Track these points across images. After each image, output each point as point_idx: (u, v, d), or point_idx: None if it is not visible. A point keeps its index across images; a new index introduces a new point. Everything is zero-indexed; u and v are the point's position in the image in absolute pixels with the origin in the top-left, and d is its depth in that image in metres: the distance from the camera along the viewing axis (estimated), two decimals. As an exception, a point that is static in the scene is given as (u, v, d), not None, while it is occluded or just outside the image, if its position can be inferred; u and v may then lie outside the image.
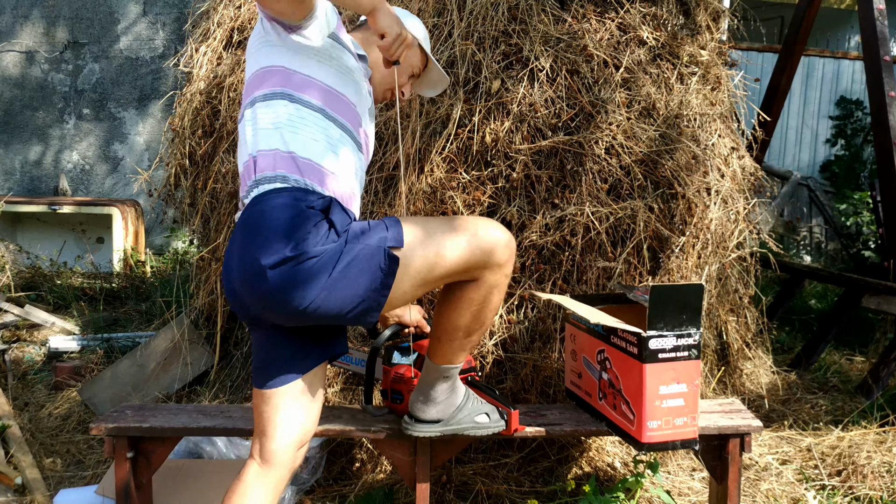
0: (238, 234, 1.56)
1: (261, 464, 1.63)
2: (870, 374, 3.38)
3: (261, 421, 1.64)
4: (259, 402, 1.64)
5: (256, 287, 1.50)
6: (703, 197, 2.66)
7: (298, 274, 1.47)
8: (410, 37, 1.62)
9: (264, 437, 1.63)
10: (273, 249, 1.47)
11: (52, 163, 6.26)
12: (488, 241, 1.61)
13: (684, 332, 1.79)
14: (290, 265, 1.46)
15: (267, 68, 1.61)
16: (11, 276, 4.64)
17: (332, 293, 1.50)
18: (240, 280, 1.53)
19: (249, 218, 1.54)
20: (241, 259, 1.51)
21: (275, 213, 1.50)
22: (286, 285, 1.47)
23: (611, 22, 2.69)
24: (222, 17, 3.09)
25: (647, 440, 1.79)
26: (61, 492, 2.31)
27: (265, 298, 1.51)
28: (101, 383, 3.12)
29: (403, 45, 1.58)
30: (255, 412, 1.66)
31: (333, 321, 1.58)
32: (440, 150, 2.49)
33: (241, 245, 1.53)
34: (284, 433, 1.63)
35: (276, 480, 1.63)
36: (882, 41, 3.62)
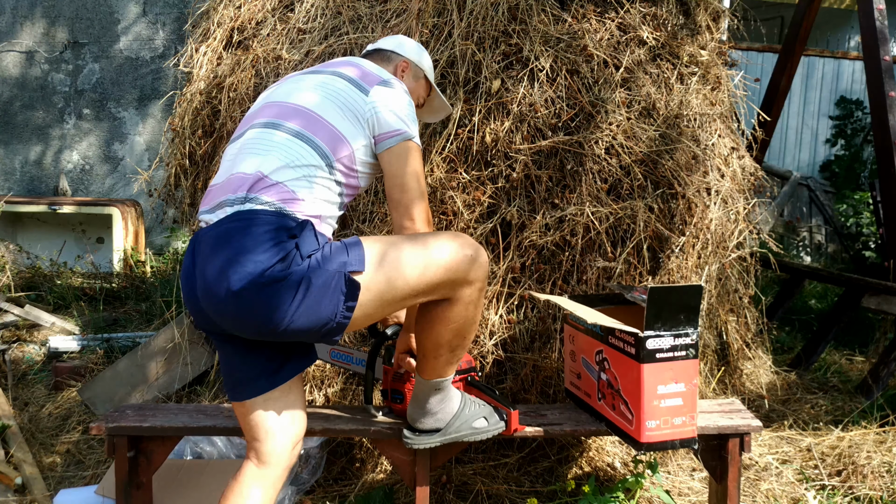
0: (207, 249, 1.54)
1: (258, 464, 1.63)
2: (870, 374, 3.38)
3: (250, 429, 1.65)
4: (243, 414, 1.65)
5: (227, 304, 1.50)
6: (703, 197, 2.66)
7: (268, 294, 1.48)
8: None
9: (258, 442, 1.64)
10: (246, 269, 1.47)
11: (52, 163, 6.26)
12: (453, 261, 1.61)
13: (682, 332, 1.79)
14: (261, 285, 1.47)
15: (334, 131, 1.65)
16: (11, 276, 4.64)
17: (299, 314, 1.52)
18: (206, 295, 1.52)
19: (224, 235, 1.53)
20: (212, 275, 1.50)
21: (249, 233, 1.51)
22: (256, 304, 1.49)
23: (611, 22, 2.69)
24: (222, 17, 3.09)
25: (646, 440, 1.79)
26: (61, 492, 2.31)
27: (237, 315, 1.51)
28: (101, 383, 3.12)
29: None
30: (242, 422, 1.67)
31: (304, 339, 1.61)
32: (440, 150, 2.49)
33: (211, 261, 1.52)
34: (278, 435, 1.64)
35: (274, 479, 1.64)
36: (882, 41, 3.62)
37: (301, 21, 2.85)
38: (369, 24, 2.70)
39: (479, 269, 1.65)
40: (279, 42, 2.84)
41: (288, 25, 2.87)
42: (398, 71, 1.94)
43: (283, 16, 2.93)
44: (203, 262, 1.54)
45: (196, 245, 1.60)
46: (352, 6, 2.77)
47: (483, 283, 1.69)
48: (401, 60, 1.95)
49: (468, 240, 1.66)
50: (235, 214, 1.55)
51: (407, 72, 1.95)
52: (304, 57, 2.74)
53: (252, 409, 1.63)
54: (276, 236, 1.51)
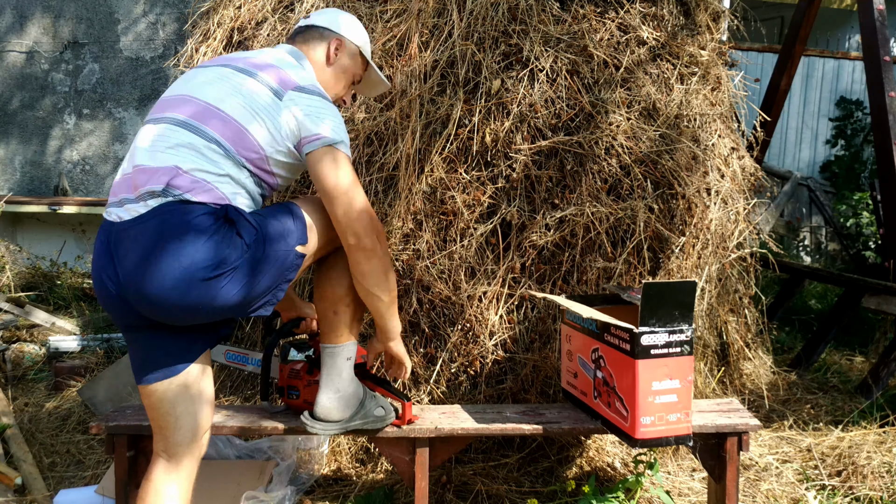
0: (135, 245, 1.51)
1: (168, 458, 1.61)
2: (870, 374, 3.38)
3: (157, 417, 1.61)
4: (151, 399, 1.61)
5: (169, 299, 1.48)
6: (703, 197, 2.66)
7: (216, 285, 1.50)
8: (408, 366, 1.95)
9: (165, 432, 1.61)
10: (191, 263, 1.47)
11: (53, 163, 6.26)
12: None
13: (676, 329, 1.80)
14: (209, 278, 1.49)
15: (244, 132, 1.60)
16: (11, 276, 4.65)
17: (241, 294, 1.54)
18: (139, 292, 1.49)
19: (155, 229, 1.50)
20: (149, 271, 1.48)
21: (184, 225, 1.49)
22: (204, 296, 1.50)
23: (611, 22, 2.69)
24: (222, 18, 3.09)
25: (641, 436, 1.80)
26: (61, 492, 2.31)
27: (180, 309, 1.50)
28: (101, 383, 3.12)
29: (403, 370, 1.96)
30: (149, 410, 1.63)
31: (232, 316, 1.62)
32: (440, 150, 2.49)
33: (144, 257, 1.49)
34: (185, 424, 1.61)
35: (188, 472, 1.63)
36: (882, 41, 3.62)
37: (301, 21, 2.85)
38: (369, 24, 2.70)
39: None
40: (279, 42, 2.84)
41: (288, 25, 2.87)
42: (331, 50, 1.85)
43: (283, 16, 2.93)
44: (132, 259, 1.50)
45: (113, 240, 1.55)
46: (352, 6, 2.77)
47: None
48: (334, 38, 1.86)
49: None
50: (161, 207, 1.51)
51: (341, 49, 1.87)
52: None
53: (163, 393, 1.59)
54: (214, 226, 1.51)
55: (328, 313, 1.81)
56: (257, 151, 1.61)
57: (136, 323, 1.59)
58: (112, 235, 1.55)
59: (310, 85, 1.69)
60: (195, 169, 1.54)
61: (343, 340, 1.83)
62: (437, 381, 2.47)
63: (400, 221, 2.46)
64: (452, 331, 2.45)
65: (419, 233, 2.48)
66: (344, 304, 1.79)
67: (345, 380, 1.84)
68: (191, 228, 1.49)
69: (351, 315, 1.81)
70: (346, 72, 1.90)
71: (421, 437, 1.97)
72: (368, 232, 1.66)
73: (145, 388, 1.61)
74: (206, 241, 1.49)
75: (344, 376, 1.84)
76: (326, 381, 1.84)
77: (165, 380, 1.59)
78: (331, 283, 1.78)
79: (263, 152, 1.62)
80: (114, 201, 1.59)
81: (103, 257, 1.56)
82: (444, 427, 1.98)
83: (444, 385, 2.47)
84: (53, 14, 6.18)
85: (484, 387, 2.46)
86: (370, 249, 1.67)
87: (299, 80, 1.69)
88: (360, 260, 1.69)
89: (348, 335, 1.83)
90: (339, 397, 1.83)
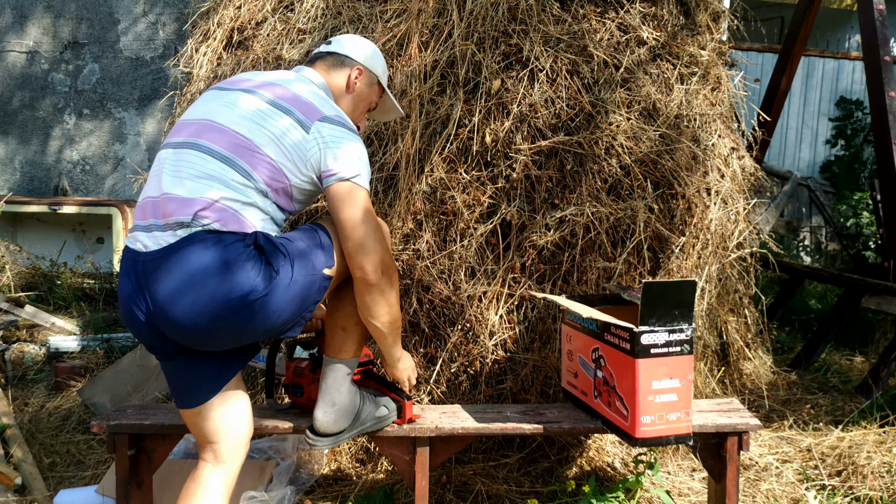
0: (164, 274, 1.53)
1: (216, 463, 1.67)
2: (870, 375, 3.38)
3: (203, 434, 1.68)
4: (196, 420, 1.68)
5: (202, 328, 1.53)
6: (703, 197, 2.66)
7: (248, 314, 1.55)
8: (415, 375, 1.97)
9: (213, 444, 1.68)
10: (223, 294, 1.51)
11: (53, 163, 6.26)
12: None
13: (676, 328, 1.80)
14: (241, 307, 1.53)
15: (271, 164, 1.63)
16: (11, 276, 4.64)
17: (272, 321, 1.60)
18: (171, 321, 1.53)
19: (184, 261, 1.53)
20: (182, 302, 1.51)
21: (213, 255, 1.52)
22: (237, 325, 1.55)
23: (611, 22, 2.69)
24: (222, 18, 3.09)
25: (641, 435, 1.80)
26: (61, 492, 2.31)
27: (213, 336, 1.56)
28: (101, 383, 3.12)
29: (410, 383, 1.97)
30: (193, 429, 1.70)
31: (262, 339, 1.69)
32: (440, 150, 2.49)
33: (175, 287, 1.52)
34: (232, 434, 1.68)
35: (232, 476, 1.69)
36: (882, 41, 3.62)
37: (301, 21, 2.85)
38: (369, 24, 2.70)
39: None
40: (279, 42, 2.84)
41: (288, 25, 2.87)
42: (351, 78, 1.89)
43: (283, 16, 2.94)
44: (162, 289, 1.53)
45: (141, 270, 1.57)
46: (352, 6, 2.77)
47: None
48: (355, 66, 1.90)
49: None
50: (191, 237, 1.54)
51: (360, 78, 1.91)
52: (304, 57, 2.74)
53: (206, 413, 1.67)
54: (245, 254, 1.54)
55: (337, 328, 1.83)
56: (282, 181, 1.65)
57: (170, 350, 1.64)
58: (139, 266, 1.57)
59: (335, 115, 1.73)
60: (223, 198, 1.57)
61: (347, 356, 1.84)
62: (438, 381, 2.47)
63: (400, 221, 2.47)
64: (452, 331, 2.45)
65: (419, 233, 2.48)
66: (353, 321, 1.81)
67: (343, 393, 1.85)
68: (221, 258, 1.52)
69: (359, 333, 1.83)
70: (364, 99, 1.94)
71: (421, 436, 1.98)
72: (375, 268, 1.67)
73: (187, 412, 1.68)
74: (237, 270, 1.52)
75: (342, 390, 1.85)
76: (324, 393, 1.85)
77: (206, 402, 1.66)
78: (343, 300, 1.80)
79: (288, 182, 1.66)
80: (141, 225, 1.61)
81: (132, 288, 1.58)
82: (444, 427, 1.98)
83: (444, 385, 2.47)
84: (53, 14, 6.18)
85: (484, 387, 2.46)
86: (374, 284, 1.69)
87: (325, 110, 1.71)
88: (362, 291, 1.71)
89: (354, 352, 1.85)
90: (335, 410, 1.84)
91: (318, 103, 1.72)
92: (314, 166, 1.67)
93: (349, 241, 1.66)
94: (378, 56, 1.98)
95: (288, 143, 1.64)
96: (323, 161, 1.65)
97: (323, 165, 1.66)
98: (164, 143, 1.71)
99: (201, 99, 1.75)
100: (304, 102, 1.70)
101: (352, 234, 1.66)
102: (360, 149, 1.71)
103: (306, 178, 1.68)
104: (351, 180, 1.67)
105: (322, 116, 1.69)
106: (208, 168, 1.59)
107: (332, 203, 1.67)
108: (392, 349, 1.88)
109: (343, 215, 1.65)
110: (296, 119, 1.66)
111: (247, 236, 1.57)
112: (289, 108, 1.68)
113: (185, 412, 1.69)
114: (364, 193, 1.69)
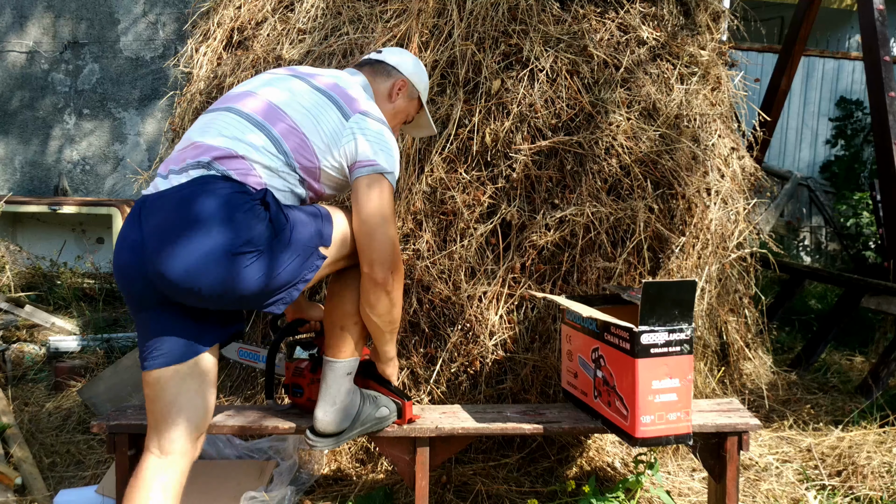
0: (168, 215, 1.50)
1: (159, 455, 1.58)
2: (870, 375, 3.38)
3: (155, 408, 1.58)
4: (153, 388, 1.57)
5: (193, 274, 1.47)
6: (703, 197, 2.66)
7: (241, 265, 1.50)
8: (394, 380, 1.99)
9: (161, 426, 1.57)
10: (221, 240, 1.48)
11: (53, 163, 6.26)
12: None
13: (676, 328, 1.80)
14: (237, 255, 1.49)
15: (305, 140, 1.65)
16: (11, 276, 4.64)
17: (262, 281, 1.54)
18: (165, 264, 1.48)
19: (187, 200, 1.51)
20: (179, 245, 1.47)
21: (218, 200, 1.50)
22: (228, 275, 1.49)
23: (611, 22, 2.69)
24: (222, 18, 3.09)
25: (641, 435, 1.80)
26: (61, 492, 2.31)
27: (202, 285, 1.49)
28: (101, 383, 3.12)
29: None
30: (148, 400, 1.59)
31: (247, 306, 1.62)
32: (440, 151, 2.49)
33: (175, 229, 1.48)
34: (182, 419, 1.57)
35: (180, 473, 1.58)
36: (882, 41, 3.62)
37: (301, 21, 2.85)
38: (369, 24, 2.70)
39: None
40: (279, 42, 2.84)
41: (288, 25, 2.87)
42: (395, 88, 1.93)
43: (283, 16, 2.94)
44: (158, 223, 1.50)
45: (147, 208, 1.55)
46: (352, 6, 2.77)
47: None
48: (399, 78, 1.94)
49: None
50: (200, 178, 1.53)
51: (403, 91, 1.95)
52: (304, 57, 2.74)
53: (164, 382, 1.56)
54: (248, 204, 1.52)
55: (335, 328, 1.82)
56: (311, 160, 1.65)
57: (149, 300, 1.56)
58: (144, 205, 1.56)
59: (375, 111, 1.76)
60: (248, 157, 1.58)
61: (346, 356, 1.83)
62: (438, 381, 2.47)
63: (400, 221, 2.47)
64: (452, 331, 2.45)
65: (419, 233, 2.48)
66: (352, 321, 1.80)
67: (342, 393, 1.84)
68: (227, 203, 1.50)
69: (358, 333, 1.82)
70: (402, 111, 1.97)
71: (421, 436, 1.97)
72: (385, 267, 1.68)
73: (149, 375, 1.58)
74: (239, 219, 1.50)
75: (342, 390, 1.84)
76: (324, 393, 1.84)
77: (170, 366, 1.56)
78: (342, 300, 1.79)
79: (318, 163, 1.66)
80: (162, 174, 1.61)
81: (129, 225, 1.56)
82: (444, 427, 1.98)
83: (444, 385, 2.48)
84: (53, 14, 6.18)
85: (484, 387, 2.46)
86: (380, 283, 1.69)
87: (367, 106, 1.75)
88: (368, 289, 1.71)
89: (352, 351, 1.84)
90: (335, 410, 1.83)
91: (360, 99, 1.76)
92: (346, 154, 1.68)
93: (366, 234, 1.66)
94: (422, 72, 2.01)
95: (325, 127, 1.66)
96: (357, 150, 1.67)
97: (360, 155, 1.67)
98: (207, 109, 1.74)
99: (250, 79, 1.81)
100: (348, 95, 1.74)
101: (372, 229, 1.66)
102: (395, 147, 1.74)
103: (337, 164, 1.69)
104: (385, 175, 1.68)
105: (363, 110, 1.72)
106: (242, 132, 1.61)
107: (361, 193, 1.66)
108: (386, 346, 1.88)
109: (368, 208, 1.65)
110: (337, 106, 1.70)
111: (256, 191, 1.56)
112: (332, 95, 1.72)
113: (145, 376, 1.59)
114: (391, 190, 1.70)
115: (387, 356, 1.92)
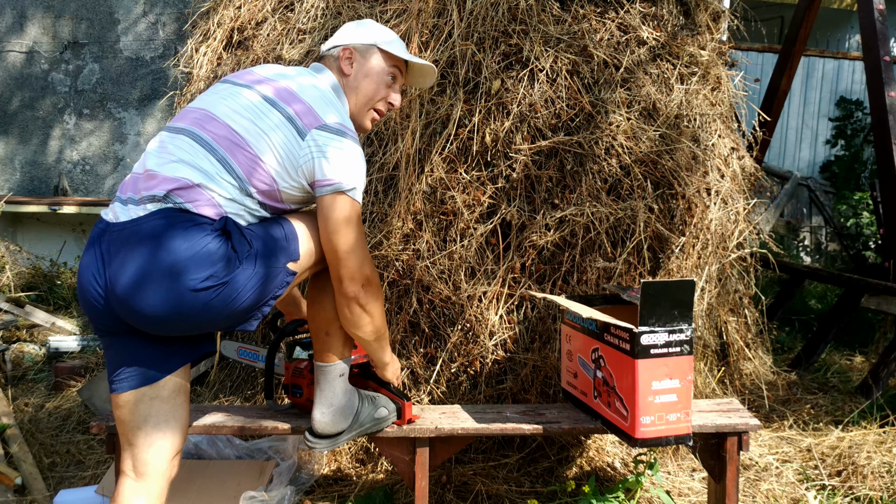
0: (127, 250, 1.49)
1: (135, 478, 1.56)
2: (870, 375, 3.38)
3: (127, 431, 1.56)
4: (123, 411, 1.56)
5: (156, 309, 1.47)
6: (703, 197, 2.66)
7: (206, 299, 1.49)
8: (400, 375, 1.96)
9: (135, 449, 1.56)
10: (186, 277, 1.47)
11: (53, 163, 6.26)
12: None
13: (676, 328, 1.80)
14: (200, 290, 1.48)
15: (258, 162, 1.60)
16: (11, 276, 4.65)
17: (228, 310, 1.54)
18: (127, 298, 1.47)
19: (150, 236, 1.49)
20: (139, 279, 1.46)
21: (181, 235, 1.49)
22: (193, 310, 1.49)
23: (611, 22, 2.69)
24: (222, 18, 3.09)
25: (641, 436, 1.80)
26: (61, 492, 2.31)
27: (165, 320, 1.49)
28: (101, 383, 3.12)
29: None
30: (119, 423, 1.57)
31: (220, 330, 1.63)
32: (440, 150, 2.49)
33: (137, 263, 1.48)
34: (155, 441, 1.56)
35: (156, 494, 1.57)
36: (882, 41, 3.62)
37: (301, 21, 2.85)
38: (369, 24, 2.70)
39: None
40: (279, 42, 2.84)
41: (288, 25, 2.87)
42: (342, 61, 1.79)
43: (283, 16, 2.94)
44: (120, 261, 1.49)
45: (106, 240, 1.53)
46: (352, 6, 2.77)
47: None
48: (339, 50, 1.80)
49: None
50: (159, 212, 1.51)
51: (353, 57, 1.80)
52: (304, 57, 2.74)
53: (135, 405, 1.54)
54: (209, 237, 1.50)
55: (321, 333, 1.80)
56: (268, 183, 1.61)
57: (114, 327, 1.56)
58: (105, 235, 1.55)
59: (335, 124, 1.65)
60: (203, 185, 1.54)
61: (335, 360, 1.82)
62: (437, 381, 2.47)
63: (400, 221, 2.46)
64: (452, 331, 2.45)
65: (419, 233, 2.48)
66: (336, 325, 1.78)
67: (338, 394, 1.83)
68: (184, 237, 1.48)
69: (344, 336, 1.80)
70: (376, 72, 1.82)
71: (421, 436, 1.97)
72: (355, 282, 1.66)
73: (118, 398, 1.57)
74: (198, 251, 1.48)
75: (337, 391, 1.83)
76: (320, 396, 1.83)
77: (139, 389, 1.55)
78: (322, 305, 1.77)
79: (276, 185, 1.62)
80: (121, 198, 1.59)
81: (92, 256, 1.54)
82: (444, 427, 1.98)
83: (444, 385, 2.47)
84: (53, 14, 6.18)
85: (484, 387, 2.46)
86: (351, 297, 1.67)
87: (326, 117, 1.65)
88: (342, 304, 1.70)
89: (341, 353, 1.82)
90: (332, 411, 1.83)
91: (320, 109, 1.66)
92: (305, 174, 1.63)
93: (331, 252, 1.64)
94: (365, 27, 1.85)
95: (281, 148, 1.60)
96: (317, 170, 1.61)
97: (316, 174, 1.62)
98: (165, 126, 1.68)
99: (209, 89, 1.73)
100: (306, 106, 1.65)
101: (335, 246, 1.63)
102: (357, 159, 1.66)
103: (297, 184, 1.64)
104: (345, 192, 1.63)
105: (320, 124, 1.63)
106: (197, 157, 1.56)
107: (324, 212, 1.63)
108: (379, 354, 1.87)
109: (330, 226, 1.62)
110: (292, 123, 1.62)
111: (216, 221, 1.54)
112: (287, 110, 1.63)
113: (115, 399, 1.57)
114: (355, 207, 1.65)
115: (381, 362, 1.91)
